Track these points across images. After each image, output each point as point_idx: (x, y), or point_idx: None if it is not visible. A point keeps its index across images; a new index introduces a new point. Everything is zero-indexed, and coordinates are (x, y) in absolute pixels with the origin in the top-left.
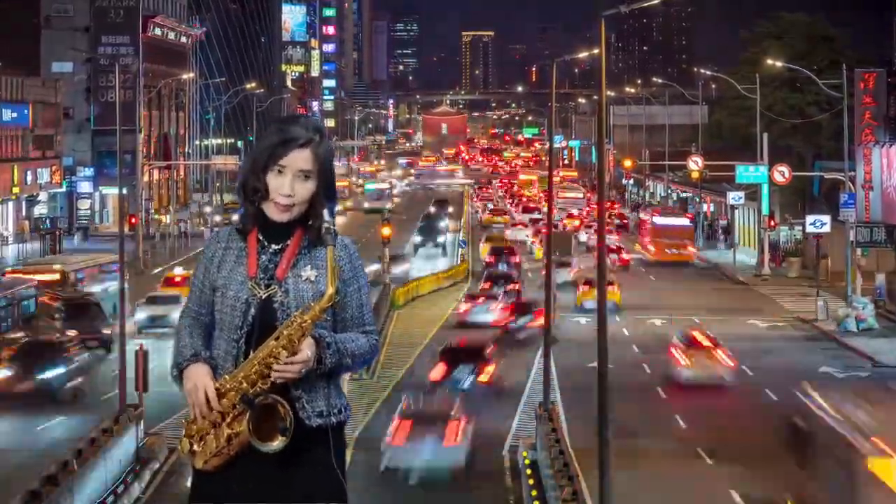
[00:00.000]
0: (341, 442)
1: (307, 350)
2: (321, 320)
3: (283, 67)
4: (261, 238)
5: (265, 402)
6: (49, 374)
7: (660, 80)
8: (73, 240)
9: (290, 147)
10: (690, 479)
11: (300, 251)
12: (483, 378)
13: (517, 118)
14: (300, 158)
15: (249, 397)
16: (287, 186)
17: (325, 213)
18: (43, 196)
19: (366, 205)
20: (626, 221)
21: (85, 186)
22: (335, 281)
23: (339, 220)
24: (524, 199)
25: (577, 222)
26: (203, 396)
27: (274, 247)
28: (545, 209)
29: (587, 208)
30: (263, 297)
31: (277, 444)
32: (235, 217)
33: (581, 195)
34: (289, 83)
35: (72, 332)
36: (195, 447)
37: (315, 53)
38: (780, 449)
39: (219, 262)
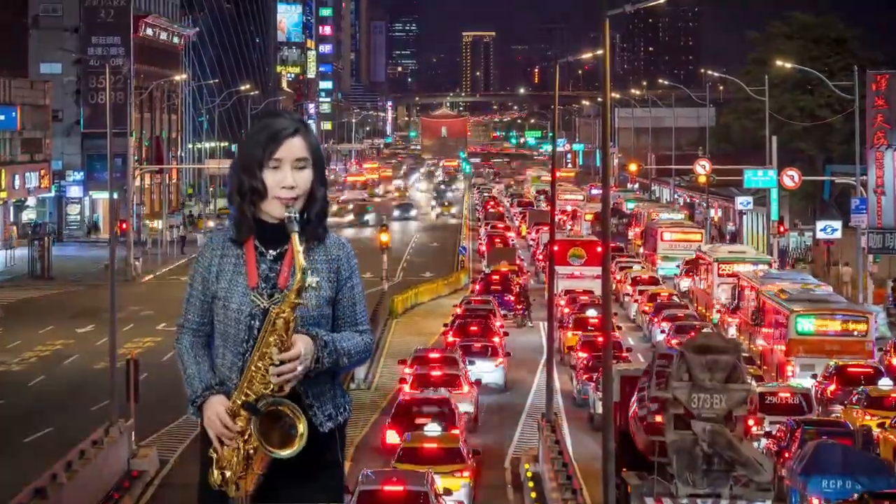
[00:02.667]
0: (343, 439)
1: (300, 345)
2: (300, 305)
3: (279, 69)
4: (257, 244)
5: (269, 407)
6: None
7: (666, 82)
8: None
9: (281, 139)
10: None
11: None
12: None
13: (519, 121)
14: (294, 147)
15: (251, 404)
16: (289, 178)
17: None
18: (31, 201)
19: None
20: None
21: (74, 191)
22: (301, 268)
23: None
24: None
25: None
26: (220, 425)
27: (272, 252)
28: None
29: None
30: (267, 307)
31: (292, 450)
32: (227, 223)
33: (581, 198)
34: (284, 85)
35: None
36: (227, 473)
37: (311, 54)
38: None
39: (217, 272)
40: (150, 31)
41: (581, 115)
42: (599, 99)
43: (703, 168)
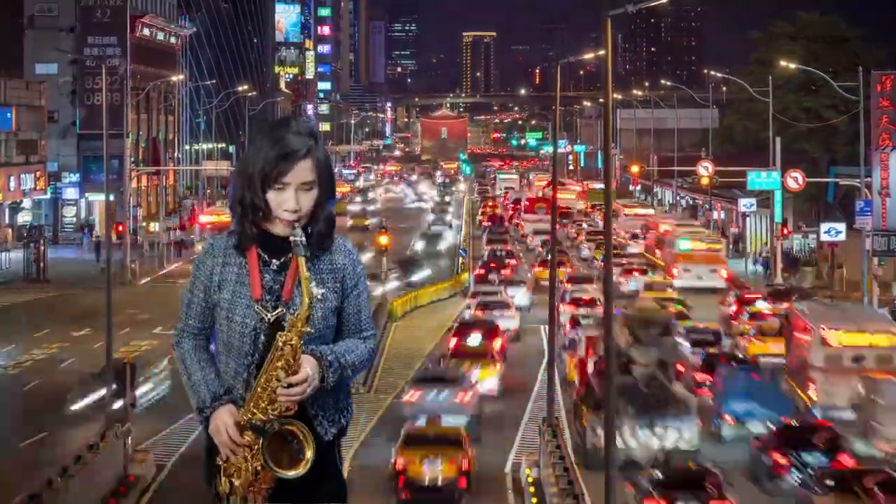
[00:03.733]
0: (341, 438)
1: (307, 368)
2: (307, 333)
3: (277, 69)
4: (260, 253)
5: (274, 430)
6: None
7: (668, 83)
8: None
9: (292, 161)
10: None
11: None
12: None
13: (520, 122)
14: (303, 171)
15: (257, 424)
16: (292, 201)
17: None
18: (27, 203)
19: None
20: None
21: (70, 193)
22: (308, 292)
23: None
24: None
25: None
26: (226, 435)
27: (276, 262)
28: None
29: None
30: (272, 319)
31: (297, 472)
32: (230, 229)
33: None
34: (282, 86)
35: None
36: (235, 482)
37: (310, 55)
38: None
39: (219, 281)
40: (146, 32)
41: (582, 116)
42: (601, 100)
43: (705, 170)
